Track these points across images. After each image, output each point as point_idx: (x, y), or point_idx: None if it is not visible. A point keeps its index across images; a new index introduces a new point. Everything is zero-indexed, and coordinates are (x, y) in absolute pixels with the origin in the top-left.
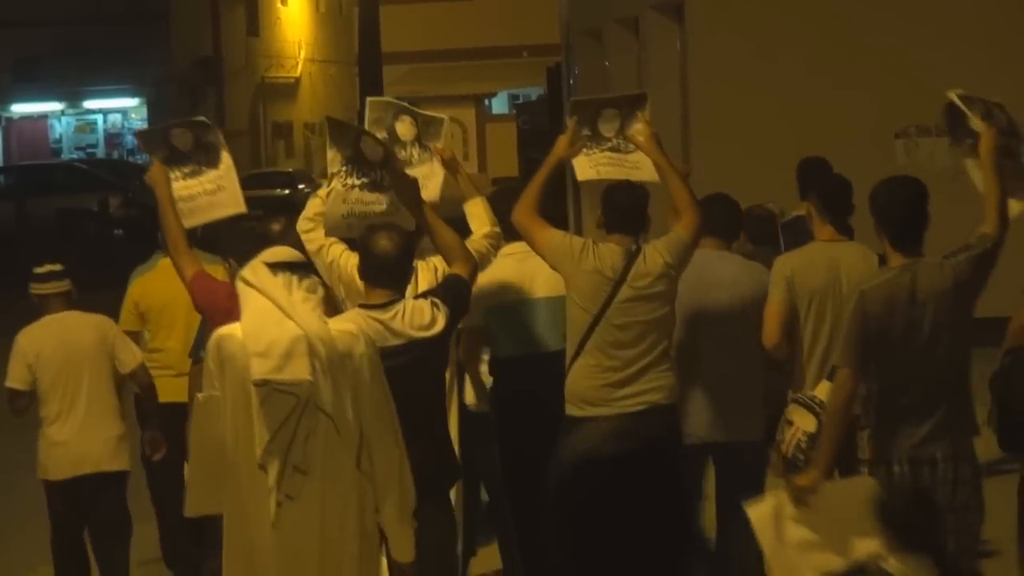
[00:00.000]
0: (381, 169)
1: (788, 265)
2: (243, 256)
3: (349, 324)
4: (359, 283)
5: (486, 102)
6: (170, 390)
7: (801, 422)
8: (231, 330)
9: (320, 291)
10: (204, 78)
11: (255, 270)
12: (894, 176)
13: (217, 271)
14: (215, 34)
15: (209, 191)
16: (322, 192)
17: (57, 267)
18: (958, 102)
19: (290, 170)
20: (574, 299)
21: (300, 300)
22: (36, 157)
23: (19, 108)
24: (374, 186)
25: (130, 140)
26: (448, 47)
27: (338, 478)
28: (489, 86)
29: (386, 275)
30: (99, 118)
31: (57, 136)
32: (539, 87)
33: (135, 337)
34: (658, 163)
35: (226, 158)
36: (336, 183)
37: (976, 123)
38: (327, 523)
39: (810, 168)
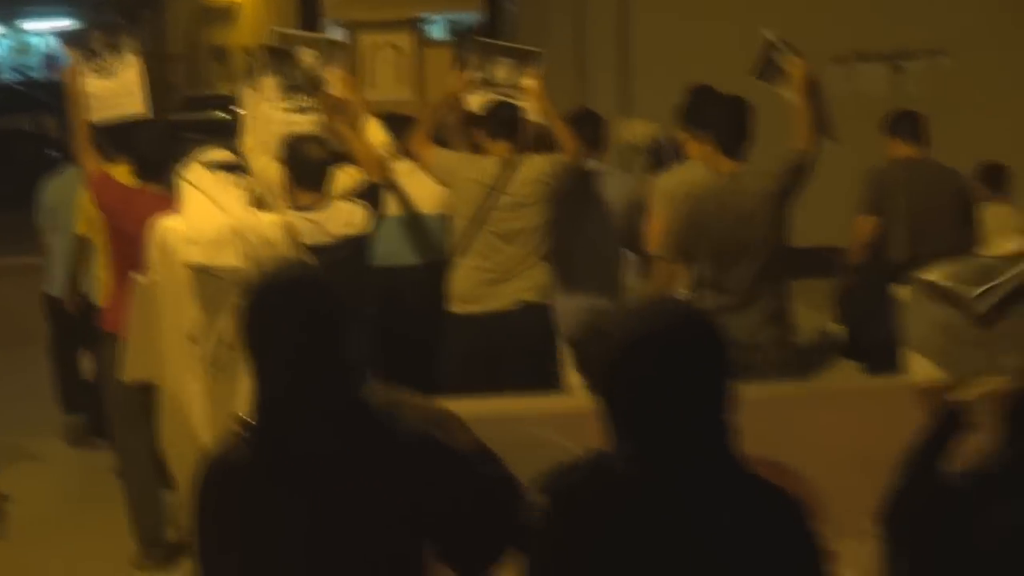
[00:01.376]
0: (308, 94)
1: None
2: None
3: (275, 217)
4: (280, 188)
5: (424, 27)
6: None
7: None
8: (173, 223)
9: (249, 187)
10: (142, 1)
11: (193, 170)
12: (723, 94)
13: (121, 172)
14: None
15: (116, 91)
16: (249, 113)
17: None
18: (773, 39)
19: (228, 93)
20: (457, 207)
21: (232, 195)
22: None
23: None
24: (301, 110)
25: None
26: None
27: None
28: (425, 9)
29: (315, 179)
30: (37, 40)
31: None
32: (477, 12)
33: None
34: (547, 112)
35: (135, 62)
36: (265, 106)
37: (789, 58)
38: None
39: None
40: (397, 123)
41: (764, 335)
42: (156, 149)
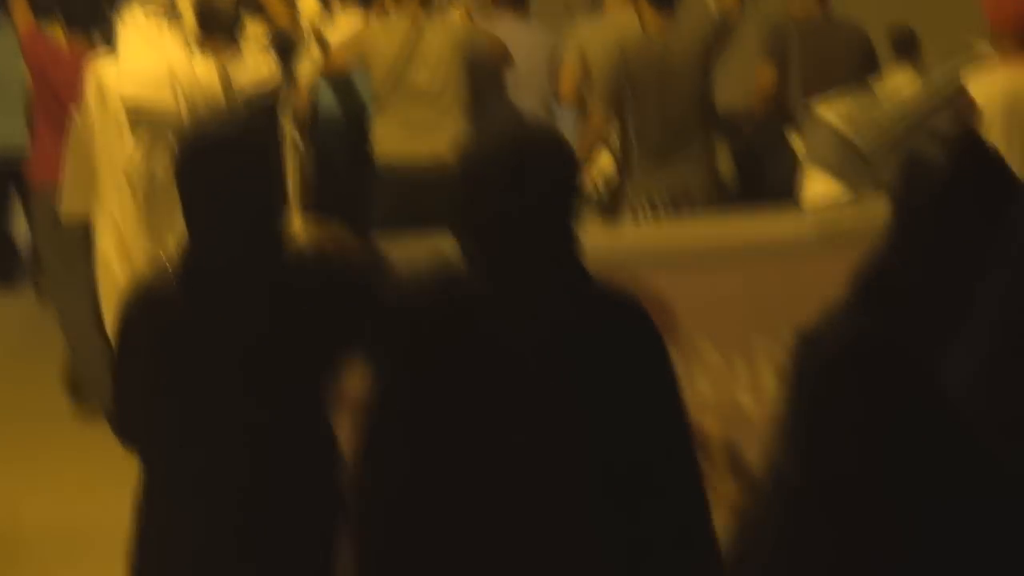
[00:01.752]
0: None
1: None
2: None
3: (209, 60)
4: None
5: None
6: None
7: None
8: (109, 63)
9: (183, 32)
10: None
11: (132, 14)
12: None
13: (55, 31)
14: None
15: None
16: None
17: None
18: None
19: None
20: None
21: (167, 38)
22: None
23: None
24: None
25: None
26: None
27: None
28: None
29: (224, 28)
30: None
31: None
32: None
33: None
34: None
35: None
36: None
37: None
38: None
39: None
40: None
41: (694, 183)
42: (84, 8)
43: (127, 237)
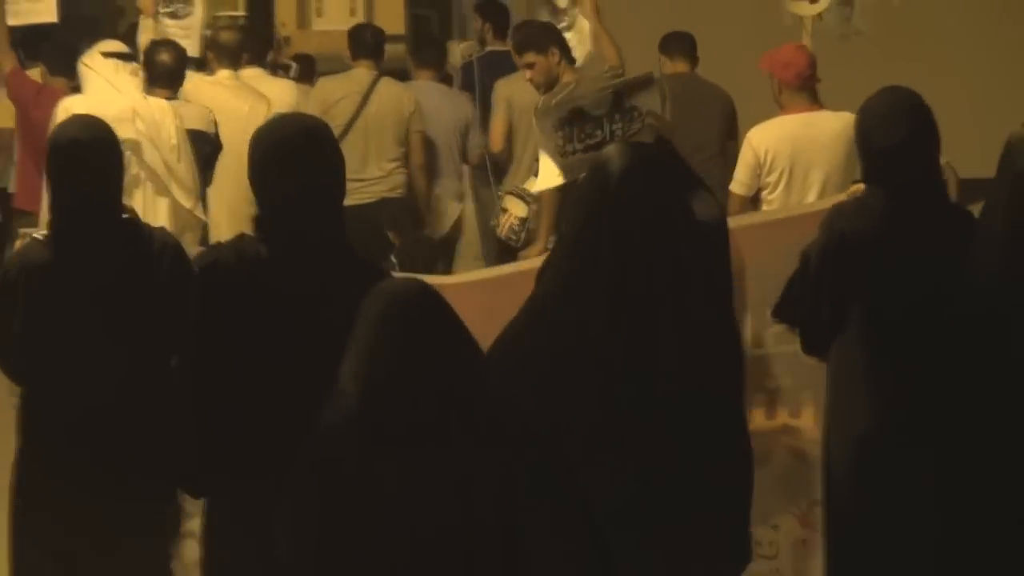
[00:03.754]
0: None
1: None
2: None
3: (163, 101)
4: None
5: None
6: None
7: (514, 209)
8: (75, 101)
9: (140, 74)
10: None
11: (92, 57)
12: None
13: (35, 74)
14: None
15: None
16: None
17: None
18: None
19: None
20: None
21: (125, 80)
22: None
23: None
24: (173, 15)
25: None
26: None
27: (152, 208)
28: None
29: (166, 80)
30: None
31: None
32: None
33: None
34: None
35: None
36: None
37: None
38: None
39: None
40: None
41: None
42: (62, 53)
43: None
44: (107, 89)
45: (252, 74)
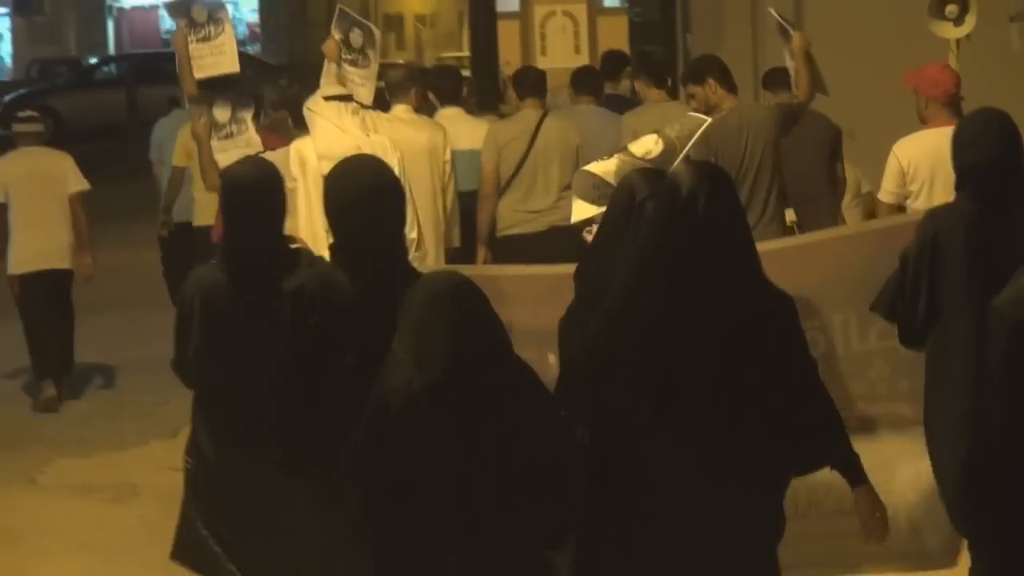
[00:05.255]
0: (359, 53)
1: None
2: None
3: (384, 137)
4: None
5: None
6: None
7: None
8: (305, 143)
9: (360, 112)
10: None
11: (316, 102)
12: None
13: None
14: None
15: (215, 53)
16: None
17: (34, 113)
18: (777, 16)
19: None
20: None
21: (348, 120)
22: (147, 47)
23: None
24: (353, 63)
25: (240, 31)
26: None
27: None
28: None
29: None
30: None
31: (168, 26)
32: None
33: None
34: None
35: (229, 29)
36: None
37: (791, 30)
38: None
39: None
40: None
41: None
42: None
43: None
44: (332, 130)
45: (451, 114)
